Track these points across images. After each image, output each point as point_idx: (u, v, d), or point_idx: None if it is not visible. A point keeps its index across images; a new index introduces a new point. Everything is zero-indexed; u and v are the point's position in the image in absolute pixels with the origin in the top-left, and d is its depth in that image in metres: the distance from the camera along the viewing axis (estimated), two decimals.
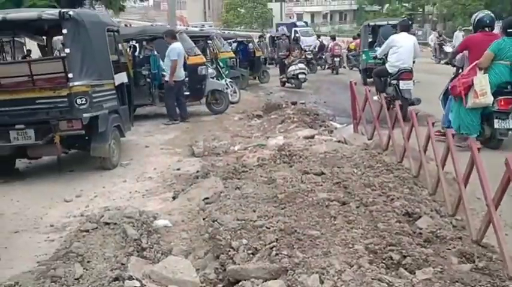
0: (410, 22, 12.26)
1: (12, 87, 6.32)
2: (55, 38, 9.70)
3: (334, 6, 71.68)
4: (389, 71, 8.74)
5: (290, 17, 57.42)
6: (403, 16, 58.30)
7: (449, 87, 6.67)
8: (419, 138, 4.95)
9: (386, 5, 60.35)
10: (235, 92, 12.86)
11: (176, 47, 9.85)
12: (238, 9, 63.76)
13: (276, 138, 7.70)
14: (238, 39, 18.79)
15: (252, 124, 9.81)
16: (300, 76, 15.97)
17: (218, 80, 12.07)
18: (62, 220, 4.80)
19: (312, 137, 7.44)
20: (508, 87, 6.24)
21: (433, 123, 4.71)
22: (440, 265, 3.03)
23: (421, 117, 6.37)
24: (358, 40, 18.98)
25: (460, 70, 6.97)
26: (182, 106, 10.25)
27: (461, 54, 7.10)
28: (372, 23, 16.59)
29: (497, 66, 6.18)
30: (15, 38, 10.57)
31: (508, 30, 6.25)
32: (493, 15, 6.90)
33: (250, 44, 18.24)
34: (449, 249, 3.34)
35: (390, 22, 14.27)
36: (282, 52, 17.37)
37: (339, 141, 7.01)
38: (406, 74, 8.49)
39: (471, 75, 6.20)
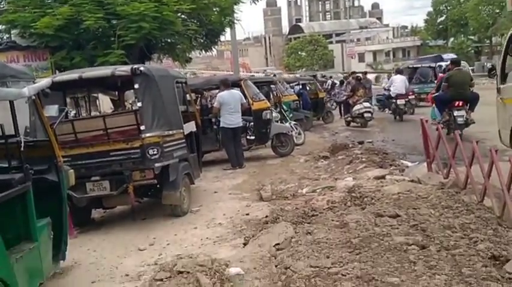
0: (401, 69, 19.98)
1: (88, 141, 6.58)
2: (127, 92, 10.19)
3: (397, 43, 71.16)
4: (392, 95, 16.49)
5: (352, 57, 57.41)
6: (470, 49, 56.81)
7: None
8: (500, 176, 4.65)
9: (451, 39, 59.07)
10: (300, 134, 12.86)
11: (222, 94, 10.01)
12: (299, 52, 64.74)
13: (345, 179, 7.53)
14: (301, 82, 18.95)
15: (319, 166, 9.67)
16: (366, 115, 15.78)
17: (283, 123, 12.18)
18: (136, 269, 4.86)
19: (383, 177, 7.20)
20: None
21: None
22: None
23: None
24: None
25: None
26: (238, 153, 10.28)
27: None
28: (411, 66, 23.36)
29: None
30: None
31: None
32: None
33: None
34: None
35: (424, 65, 22.03)
36: (346, 92, 17.33)
37: (412, 181, 6.73)
38: (401, 96, 16.18)
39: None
